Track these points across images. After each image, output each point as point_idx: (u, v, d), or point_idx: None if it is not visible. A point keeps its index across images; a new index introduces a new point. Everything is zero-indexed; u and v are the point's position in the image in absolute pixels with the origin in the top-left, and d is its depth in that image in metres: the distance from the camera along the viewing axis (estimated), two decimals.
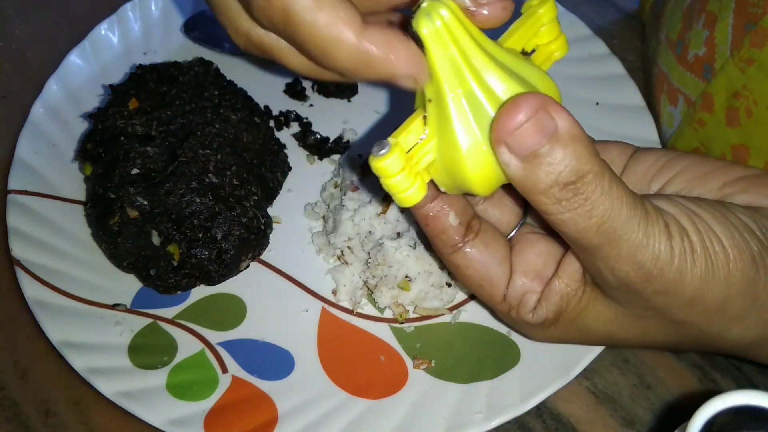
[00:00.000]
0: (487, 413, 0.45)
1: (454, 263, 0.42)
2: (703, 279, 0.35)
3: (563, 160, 0.32)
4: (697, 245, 0.35)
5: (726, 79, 0.50)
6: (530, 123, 0.32)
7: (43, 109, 0.58)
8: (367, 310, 0.51)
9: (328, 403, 0.47)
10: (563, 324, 0.41)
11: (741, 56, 0.48)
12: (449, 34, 0.32)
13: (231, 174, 0.51)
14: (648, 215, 0.35)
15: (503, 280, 0.42)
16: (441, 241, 0.41)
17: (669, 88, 0.57)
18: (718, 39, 0.51)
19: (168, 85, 0.55)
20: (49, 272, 0.50)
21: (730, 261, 0.36)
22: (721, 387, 0.49)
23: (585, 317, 0.40)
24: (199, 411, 0.46)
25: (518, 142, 0.32)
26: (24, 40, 0.67)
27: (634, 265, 0.35)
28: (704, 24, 0.52)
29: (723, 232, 0.36)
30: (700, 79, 0.53)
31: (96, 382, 0.46)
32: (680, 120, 0.55)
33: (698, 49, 0.53)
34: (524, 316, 0.41)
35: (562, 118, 0.32)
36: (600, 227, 0.34)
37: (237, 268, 0.51)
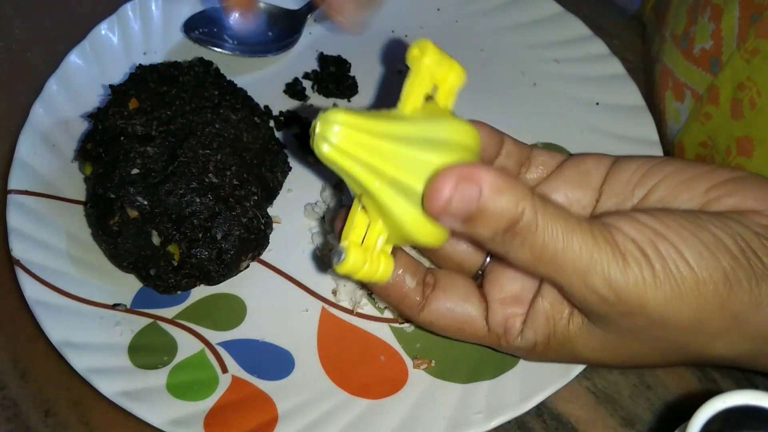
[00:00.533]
0: (487, 413, 0.45)
1: (426, 321, 0.43)
2: (669, 302, 0.36)
3: (495, 214, 0.35)
4: (659, 272, 0.35)
5: (732, 71, 0.50)
6: (455, 198, 0.34)
7: (43, 109, 0.58)
8: (367, 310, 0.51)
9: (328, 403, 0.47)
10: (554, 348, 0.41)
11: (746, 47, 0.48)
12: (350, 144, 0.35)
13: (231, 174, 0.51)
14: (596, 243, 0.35)
15: (477, 312, 0.43)
16: (405, 306, 0.43)
17: (675, 84, 0.57)
18: (725, 31, 0.51)
19: (168, 85, 0.55)
20: (49, 272, 0.50)
21: (699, 283, 0.35)
22: (721, 387, 0.49)
23: (574, 343, 0.41)
24: (199, 411, 0.46)
25: (452, 216, 0.34)
26: (24, 40, 0.67)
27: (589, 290, 0.36)
28: (710, 17, 0.52)
29: (692, 254, 0.36)
30: (708, 73, 0.53)
31: (96, 382, 0.46)
32: (688, 115, 0.55)
33: (704, 43, 0.53)
34: (513, 342, 0.42)
35: (483, 178, 0.34)
36: (542, 258, 0.35)
37: (237, 268, 0.51)
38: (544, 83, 0.63)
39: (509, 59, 0.65)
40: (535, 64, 0.64)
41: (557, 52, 0.64)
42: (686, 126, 0.56)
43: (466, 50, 0.65)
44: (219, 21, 0.65)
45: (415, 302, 0.43)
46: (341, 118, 0.35)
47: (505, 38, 0.66)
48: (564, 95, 0.62)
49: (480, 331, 0.43)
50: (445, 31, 0.67)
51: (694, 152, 0.55)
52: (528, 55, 0.65)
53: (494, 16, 0.67)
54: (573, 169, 0.44)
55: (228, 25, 0.65)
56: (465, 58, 0.64)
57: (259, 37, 0.65)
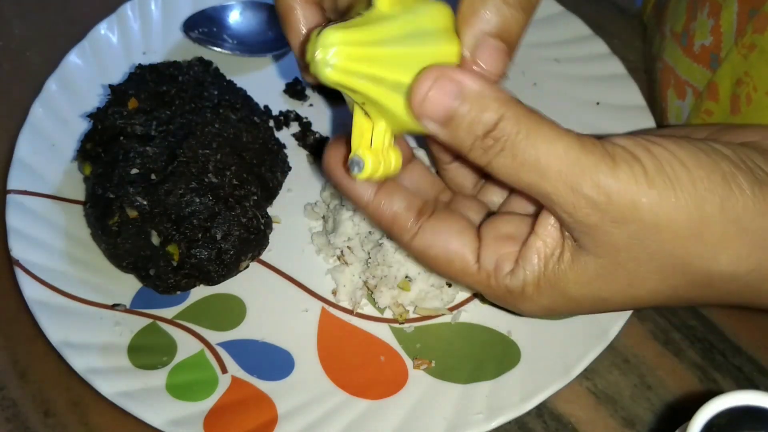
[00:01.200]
0: (487, 413, 0.45)
1: (418, 249, 0.41)
2: (663, 202, 0.34)
3: (474, 113, 0.34)
4: (650, 169, 0.34)
5: (730, 66, 0.50)
6: (433, 91, 0.34)
7: (43, 109, 0.58)
8: (367, 310, 0.51)
9: (327, 403, 0.47)
10: (546, 290, 0.39)
11: (744, 42, 0.48)
12: (349, 61, 0.34)
13: (231, 174, 0.51)
14: (583, 146, 0.34)
15: (471, 248, 0.41)
16: (398, 229, 0.41)
17: (676, 82, 0.57)
18: (724, 27, 0.51)
19: (167, 84, 0.55)
20: (49, 272, 0.50)
21: (695, 181, 0.34)
22: (721, 387, 0.49)
23: (566, 281, 0.39)
24: (199, 411, 0.46)
25: (430, 110, 0.35)
26: (23, 39, 0.67)
27: (576, 195, 0.34)
28: (709, 13, 0.52)
29: (687, 155, 0.35)
30: (707, 69, 0.53)
31: (95, 382, 0.46)
32: (688, 112, 0.55)
33: (704, 39, 0.53)
34: (502, 281, 0.40)
35: (465, 77, 0.34)
36: (525, 165, 0.35)
37: (237, 268, 0.51)
38: (544, 83, 0.63)
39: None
40: (535, 63, 0.64)
41: (557, 52, 0.64)
42: (687, 123, 0.55)
43: None
44: (218, 21, 0.65)
45: (406, 226, 0.41)
46: (337, 39, 0.34)
47: None
48: (564, 95, 0.62)
49: (470, 267, 0.41)
50: None
51: None
52: (528, 55, 0.65)
53: None
54: None
55: (228, 25, 0.65)
56: None
57: (259, 36, 0.65)
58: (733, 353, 0.50)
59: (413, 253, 0.42)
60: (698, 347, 0.50)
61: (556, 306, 0.40)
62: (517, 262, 0.39)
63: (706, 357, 0.50)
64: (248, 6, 0.66)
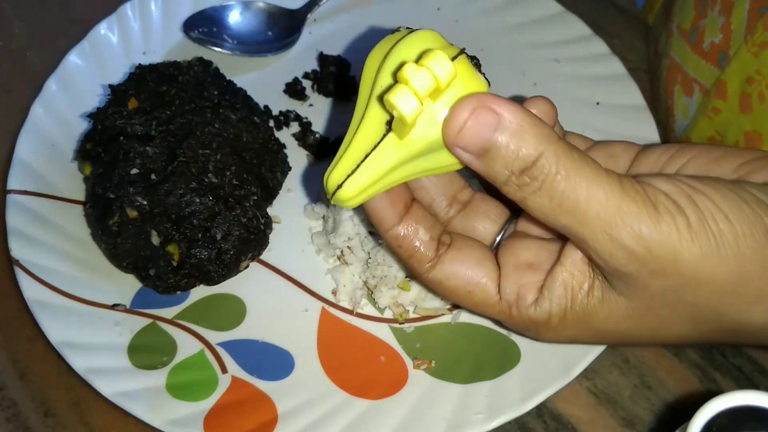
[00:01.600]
0: (487, 413, 0.45)
1: (435, 280, 0.41)
2: (705, 258, 0.33)
3: (512, 149, 0.33)
4: (694, 223, 0.33)
5: (740, 64, 0.50)
6: (471, 122, 0.33)
7: (43, 109, 0.58)
8: (367, 310, 0.51)
9: (328, 403, 0.47)
10: (571, 323, 0.39)
11: (754, 41, 0.48)
12: (367, 190, 0.36)
13: (231, 174, 0.51)
14: (624, 191, 0.33)
15: (491, 278, 0.40)
16: (417, 260, 0.40)
17: (683, 79, 0.56)
18: (734, 24, 0.50)
19: (167, 84, 0.55)
20: (49, 272, 0.50)
21: (738, 238, 0.33)
22: (721, 387, 0.49)
23: (595, 316, 0.38)
24: (199, 411, 0.46)
25: (466, 142, 0.34)
26: (23, 39, 0.67)
27: (615, 244, 0.34)
28: (720, 10, 0.52)
29: (730, 208, 0.34)
30: (715, 67, 0.53)
31: (95, 382, 0.46)
32: (696, 110, 0.55)
33: (714, 37, 0.53)
34: (526, 312, 0.39)
35: (505, 109, 0.33)
36: (562, 207, 0.34)
37: (237, 268, 0.51)
38: (544, 83, 0.63)
39: (509, 59, 0.65)
40: (535, 63, 0.64)
41: (557, 52, 0.64)
42: (694, 121, 0.55)
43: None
44: (218, 21, 0.65)
45: (426, 257, 0.40)
46: (348, 196, 0.35)
47: (505, 38, 0.66)
48: (564, 95, 0.62)
49: (491, 298, 0.40)
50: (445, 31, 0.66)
51: None
52: (528, 55, 0.65)
53: (494, 15, 0.67)
54: (601, 151, 0.43)
55: (228, 25, 0.65)
56: None
57: (259, 36, 0.65)
58: (733, 353, 0.50)
59: (430, 283, 0.41)
60: (698, 347, 0.50)
61: (581, 338, 0.40)
62: (542, 293, 0.39)
63: (706, 357, 0.50)
64: (248, 6, 0.66)
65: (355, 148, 0.35)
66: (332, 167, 0.36)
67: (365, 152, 0.35)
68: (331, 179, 0.36)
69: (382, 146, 0.35)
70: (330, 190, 0.36)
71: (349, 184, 0.35)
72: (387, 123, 0.35)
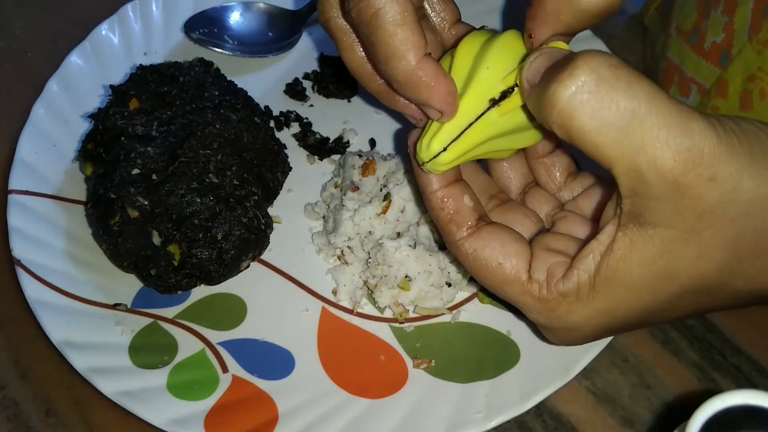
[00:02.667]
0: (486, 413, 0.45)
1: (471, 247, 0.41)
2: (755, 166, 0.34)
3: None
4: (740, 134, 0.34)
5: (743, 63, 0.50)
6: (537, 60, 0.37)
7: (44, 110, 0.58)
8: (367, 309, 0.51)
9: (328, 402, 0.47)
10: (602, 287, 0.37)
11: (759, 39, 0.48)
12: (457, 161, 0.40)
13: (231, 174, 0.51)
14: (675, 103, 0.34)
15: (523, 256, 0.40)
16: (456, 224, 0.41)
17: (681, 79, 0.57)
18: (738, 24, 0.51)
19: (168, 85, 0.55)
20: (50, 272, 0.50)
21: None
22: (720, 387, 0.49)
23: (627, 266, 0.36)
24: (200, 410, 0.46)
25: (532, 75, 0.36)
26: (25, 40, 0.67)
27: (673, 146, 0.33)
28: (723, 10, 0.52)
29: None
30: (716, 66, 0.53)
31: (97, 381, 0.46)
32: None
33: (716, 36, 0.53)
34: (555, 287, 0.38)
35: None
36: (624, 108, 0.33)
37: (237, 268, 0.51)
38: None
39: None
40: None
41: None
42: None
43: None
44: (219, 21, 0.65)
45: (465, 222, 0.41)
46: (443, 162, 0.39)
47: None
48: None
49: (521, 274, 0.40)
50: None
51: None
52: None
53: (494, 15, 0.67)
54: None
55: (228, 26, 0.65)
56: None
57: (259, 37, 0.66)
58: (731, 353, 0.50)
59: (463, 252, 0.41)
60: (697, 347, 0.50)
61: (612, 306, 0.38)
62: (571, 267, 0.38)
63: (705, 356, 0.50)
64: (249, 7, 0.66)
65: (456, 119, 0.39)
66: (431, 134, 0.39)
67: (468, 122, 0.39)
68: (433, 143, 0.39)
69: (485, 118, 0.39)
70: (432, 153, 0.39)
71: (454, 148, 0.39)
72: (490, 100, 0.39)
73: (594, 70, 0.33)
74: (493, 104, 0.39)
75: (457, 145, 0.39)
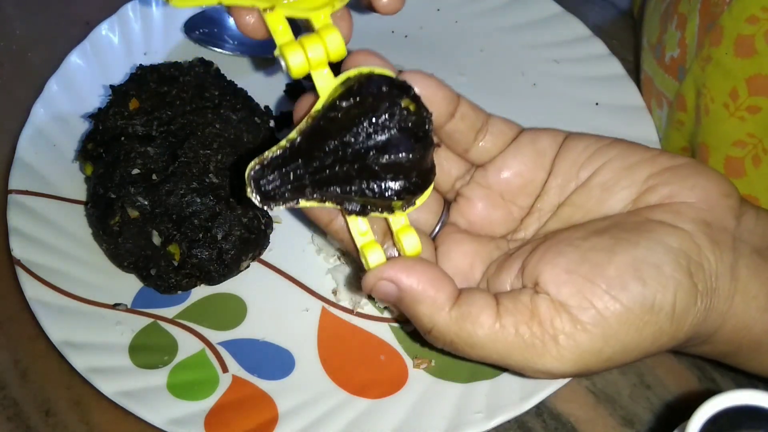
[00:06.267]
0: (487, 413, 0.45)
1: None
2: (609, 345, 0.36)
3: (411, 317, 0.37)
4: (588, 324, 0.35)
5: (692, 78, 0.51)
6: (375, 292, 0.36)
7: (44, 110, 0.58)
8: (367, 309, 0.51)
9: (328, 402, 0.47)
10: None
11: (702, 55, 0.49)
12: None
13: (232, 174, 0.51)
14: (519, 337, 0.35)
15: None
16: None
17: (655, 92, 0.57)
18: (688, 39, 0.51)
19: (168, 85, 0.55)
20: (50, 272, 0.50)
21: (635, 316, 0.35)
22: (720, 387, 0.49)
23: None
24: (200, 410, 0.46)
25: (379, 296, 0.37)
26: (25, 40, 0.67)
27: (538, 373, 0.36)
28: (677, 25, 0.53)
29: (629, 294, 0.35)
30: (676, 80, 0.53)
31: (97, 381, 0.46)
32: (666, 122, 0.56)
33: (673, 51, 0.53)
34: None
35: (404, 282, 0.35)
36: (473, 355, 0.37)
37: (237, 268, 0.51)
38: (544, 83, 0.63)
39: (509, 59, 0.65)
40: (535, 64, 0.64)
41: (557, 53, 0.65)
42: (665, 133, 0.56)
43: (466, 50, 0.65)
44: (219, 21, 0.65)
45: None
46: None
47: (505, 38, 0.66)
48: (563, 96, 0.62)
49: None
50: (445, 31, 0.67)
51: None
52: (528, 56, 0.65)
53: (494, 16, 0.67)
54: (529, 147, 0.41)
55: (228, 26, 0.65)
56: (465, 58, 0.65)
57: None
58: None
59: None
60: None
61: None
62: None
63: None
64: None
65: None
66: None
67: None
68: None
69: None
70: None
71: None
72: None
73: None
74: None
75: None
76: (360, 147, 0.34)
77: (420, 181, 0.36)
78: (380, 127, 0.34)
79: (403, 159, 0.34)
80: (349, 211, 0.36)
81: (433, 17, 0.68)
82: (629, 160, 0.40)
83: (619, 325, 0.35)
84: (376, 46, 0.65)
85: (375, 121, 0.34)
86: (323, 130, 0.35)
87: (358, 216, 0.36)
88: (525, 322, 0.35)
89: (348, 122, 0.34)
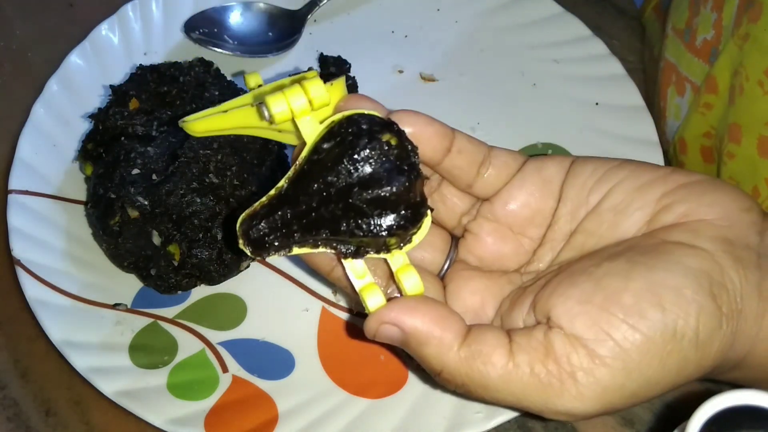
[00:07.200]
0: (486, 413, 0.45)
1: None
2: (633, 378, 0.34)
3: (418, 359, 0.35)
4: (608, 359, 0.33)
5: (728, 58, 0.50)
6: (379, 336, 0.35)
7: (44, 110, 0.58)
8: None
9: (328, 402, 0.47)
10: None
11: (739, 33, 0.49)
12: None
13: (231, 174, 0.51)
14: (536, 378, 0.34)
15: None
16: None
17: (677, 79, 0.57)
18: (725, 20, 0.51)
19: (168, 85, 0.55)
20: (50, 272, 0.50)
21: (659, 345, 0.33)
22: (720, 387, 0.49)
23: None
24: (200, 410, 0.46)
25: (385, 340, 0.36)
26: (25, 40, 0.67)
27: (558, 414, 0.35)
28: (712, 7, 0.52)
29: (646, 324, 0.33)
30: (706, 63, 0.53)
31: (97, 381, 0.46)
32: (687, 109, 0.56)
33: (706, 33, 0.53)
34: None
35: (407, 324, 0.34)
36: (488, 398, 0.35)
37: (237, 268, 0.51)
38: (544, 83, 0.63)
39: (509, 59, 0.65)
40: (534, 64, 0.64)
41: (557, 53, 0.65)
42: (686, 120, 0.56)
43: (466, 50, 0.65)
44: (219, 21, 0.65)
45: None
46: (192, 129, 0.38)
47: (505, 38, 0.66)
48: (564, 95, 0.62)
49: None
50: (445, 31, 0.67)
51: (698, 144, 0.55)
52: (528, 55, 0.65)
53: (494, 16, 0.67)
54: (535, 175, 0.39)
55: (228, 26, 0.66)
56: (465, 58, 0.65)
57: (259, 37, 0.66)
58: None
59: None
60: None
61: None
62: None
63: None
64: (249, 7, 0.66)
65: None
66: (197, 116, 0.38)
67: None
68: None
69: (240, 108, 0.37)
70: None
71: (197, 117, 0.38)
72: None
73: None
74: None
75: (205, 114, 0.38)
76: (343, 185, 0.34)
77: (410, 214, 0.34)
78: (361, 162, 0.33)
79: (387, 192, 0.33)
80: (345, 254, 0.35)
81: (433, 17, 0.68)
82: (640, 180, 0.37)
83: (640, 356, 0.32)
84: (376, 46, 0.66)
85: (356, 158, 0.33)
86: (307, 173, 0.34)
87: (354, 258, 0.35)
88: (540, 360, 0.33)
89: (329, 162, 0.34)
